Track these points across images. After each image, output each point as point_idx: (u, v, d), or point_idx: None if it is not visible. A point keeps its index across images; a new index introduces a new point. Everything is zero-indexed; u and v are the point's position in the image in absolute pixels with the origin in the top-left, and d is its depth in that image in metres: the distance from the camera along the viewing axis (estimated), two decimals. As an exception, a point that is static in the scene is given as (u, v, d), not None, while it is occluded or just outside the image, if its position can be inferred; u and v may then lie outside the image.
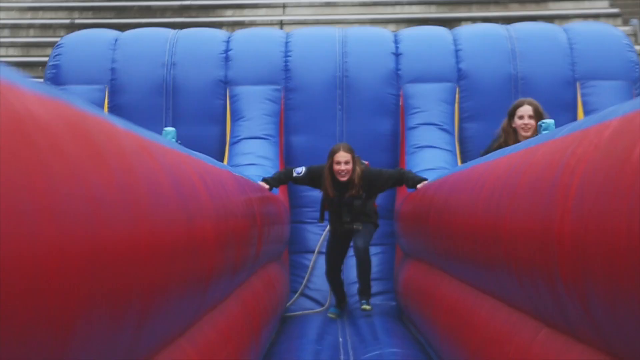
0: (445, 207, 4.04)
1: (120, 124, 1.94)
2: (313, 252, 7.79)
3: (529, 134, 6.26)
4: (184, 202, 2.35)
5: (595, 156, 1.70)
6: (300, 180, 6.99)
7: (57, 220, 1.27)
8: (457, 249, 3.59)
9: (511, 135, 6.35)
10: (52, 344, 1.28)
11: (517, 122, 6.34)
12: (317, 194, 7.73)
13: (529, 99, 6.47)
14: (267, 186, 6.54)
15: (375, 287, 7.51)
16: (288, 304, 7.37)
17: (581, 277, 1.78)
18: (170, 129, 4.68)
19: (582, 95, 8.02)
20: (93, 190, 1.47)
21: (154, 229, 1.92)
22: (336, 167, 6.74)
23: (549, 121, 4.67)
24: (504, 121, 6.44)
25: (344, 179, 6.75)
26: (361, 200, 6.92)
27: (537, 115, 6.31)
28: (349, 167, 6.74)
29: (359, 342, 5.89)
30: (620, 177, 1.51)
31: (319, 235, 7.88)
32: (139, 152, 1.97)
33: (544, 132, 4.17)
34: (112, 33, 8.64)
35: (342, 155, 6.73)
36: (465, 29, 8.64)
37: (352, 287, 7.53)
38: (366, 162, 6.96)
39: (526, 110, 6.34)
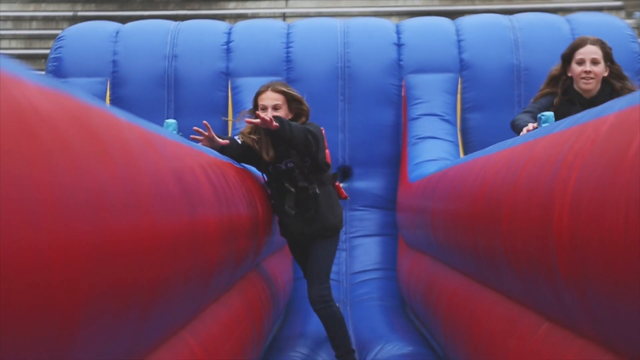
0: (446, 199, 4.04)
1: (122, 117, 1.94)
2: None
3: (590, 86, 4.70)
4: (187, 194, 2.35)
5: (592, 151, 1.70)
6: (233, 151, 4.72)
7: (61, 213, 1.27)
8: (458, 242, 3.59)
9: (565, 88, 4.72)
10: (56, 337, 1.29)
11: (576, 69, 4.72)
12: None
13: (594, 37, 4.82)
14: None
15: (377, 278, 7.50)
16: None
17: (580, 271, 1.78)
18: (171, 120, 4.63)
19: (585, 85, 7.99)
20: (96, 183, 1.47)
21: (157, 221, 1.93)
22: (261, 114, 4.48)
23: (548, 114, 4.18)
24: (554, 68, 4.88)
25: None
26: (301, 171, 4.79)
27: (608, 60, 4.74)
28: (282, 113, 4.73)
29: (362, 335, 5.90)
30: (617, 172, 1.51)
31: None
32: (142, 145, 1.97)
33: (543, 125, 4.10)
34: (114, 25, 8.63)
35: (270, 97, 4.73)
36: (467, 20, 8.61)
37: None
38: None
39: (589, 51, 4.69)
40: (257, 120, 4.41)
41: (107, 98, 8.09)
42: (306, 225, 4.91)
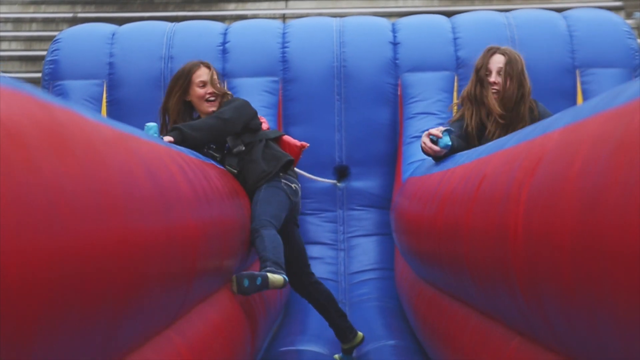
0: (407, 213, 4.02)
1: (90, 116, 1.92)
2: (313, 243, 7.75)
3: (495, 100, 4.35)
4: (163, 195, 2.32)
5: (540, 170, 1.70)
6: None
7: (14, 212, 1.23)
8: (425, 256, 3.59)
9: (478, 99, 4.25)
10: (11, 341, 1.26)
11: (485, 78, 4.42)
12: (317, 184, 7.66)
13: (505, 47, 4.55)
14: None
15: (375, 279, 7.47)
16: None
17: (536, 287, 1.79)
18: (152, 124, 4.52)
19: (582, 83, 7.94)
20: (57, 181, 1.43)
21: (129, 221, 1.89)
22: (200, 91, 4.58)
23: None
24: (472, 79, 4.51)
25: (215, 108, 4.58)
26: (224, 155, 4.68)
27: (514, 73, 4.34)
28: (221, 87, 4.68)
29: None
30: (562, 193, 1.51)
31: (319, 226, 7.84)
32: (111, 144, 1.94)
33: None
34: (110, 27, 8.62)
35: (205, 73, 4.64)
36: (463, 17, 8.57)
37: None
38: None
39: (496, 61, 4.38)
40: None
41: (104, 100, 8.07)
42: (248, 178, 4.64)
